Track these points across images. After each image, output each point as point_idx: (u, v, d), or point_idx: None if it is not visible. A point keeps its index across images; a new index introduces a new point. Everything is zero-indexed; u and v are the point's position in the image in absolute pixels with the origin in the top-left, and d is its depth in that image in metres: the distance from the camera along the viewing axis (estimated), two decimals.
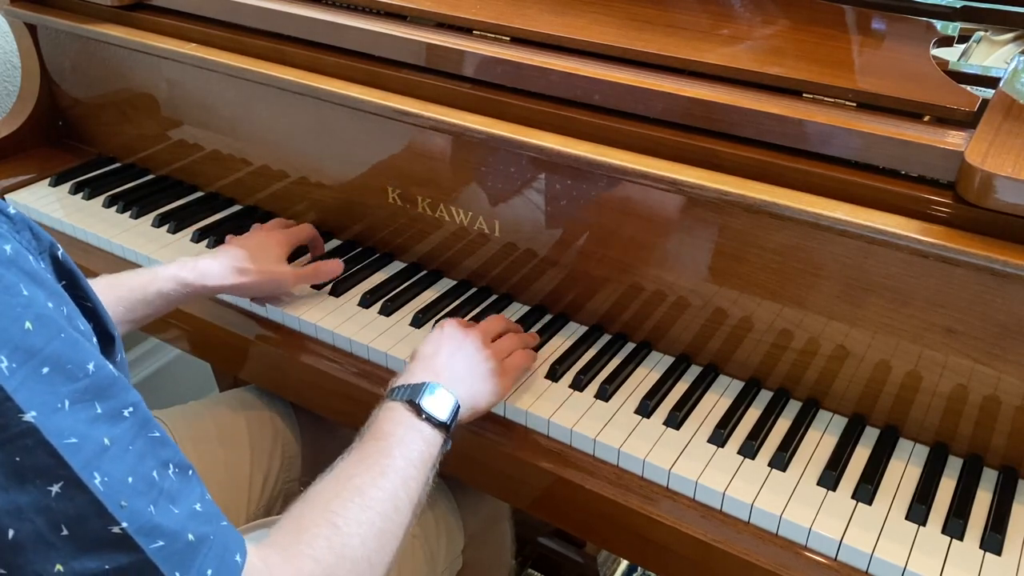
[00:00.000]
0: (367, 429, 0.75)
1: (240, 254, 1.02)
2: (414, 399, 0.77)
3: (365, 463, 0.70)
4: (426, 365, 0.83)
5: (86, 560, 0.49)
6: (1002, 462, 0.84)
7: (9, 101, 1.53)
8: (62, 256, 0.57)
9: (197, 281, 0.97)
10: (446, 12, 1.05)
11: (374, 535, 0.65)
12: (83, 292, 0.59)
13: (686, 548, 0.81)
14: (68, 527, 0.48)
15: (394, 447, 0.72)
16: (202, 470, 1.00)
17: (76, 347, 0.51)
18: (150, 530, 0.50)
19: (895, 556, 0.75)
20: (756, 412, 0.91)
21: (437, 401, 0.78)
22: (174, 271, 0.96)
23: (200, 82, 1.20)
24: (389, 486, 0.69)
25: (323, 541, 0.62)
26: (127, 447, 0.51)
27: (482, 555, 1.14)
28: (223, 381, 1.55)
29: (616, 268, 0.97)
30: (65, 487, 0.48)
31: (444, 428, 0.77)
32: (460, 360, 0.85)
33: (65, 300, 0.53)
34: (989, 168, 0.72)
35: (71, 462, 0.48)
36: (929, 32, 0.90)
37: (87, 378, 0.50)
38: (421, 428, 0.75)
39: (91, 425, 0.50)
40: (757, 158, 0.84)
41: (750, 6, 0.98)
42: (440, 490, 1.04)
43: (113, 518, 0.49)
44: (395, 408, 0.76)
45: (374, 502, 0.67)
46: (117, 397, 0.52)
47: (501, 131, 0.94)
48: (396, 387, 0.80)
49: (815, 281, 0.85)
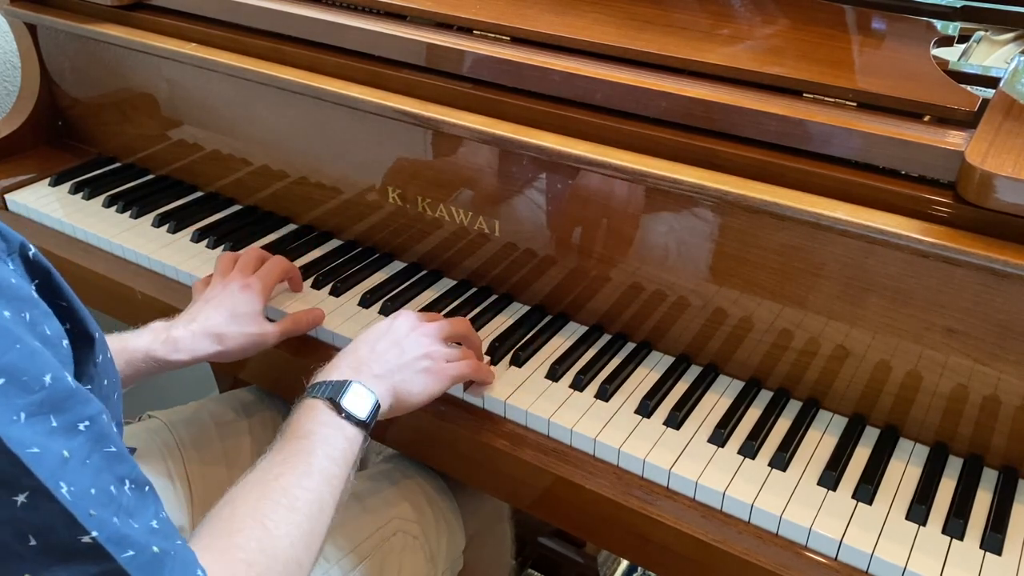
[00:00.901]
0: (288, 426, 0.75)
1: (216, 317, 0.93)
2: (334, 398, 0.76)
3: (290, 462, 0.71)
4: (349, 360, 0.82)
5: (56, 570, 0.48)
6: (1002, 462, 0.84)
7: (9, 101, 1.53)
8: (33, 256, 0.56)
9: (168, 355, 0.89)
10: (446, 12, 1.05)
11: (302, 535, 0.66)
12: (58, 291, 0.58)
13: (686, 548, 0.81)
14: (36, 537, 0.48)
15: (317, 446, 0.72)
16: (203, 470, 1.02)
17: (33, 358, 0.50)
18: (119, 539, 0.50)
19: (895, 556, 0.75)
20: (756, 412, 0.91)
21: (358, 400, 0.77)
22: (146, 344, 0.89)
23: (200, 82, 1.20)
24: (314, 486, 0.69)
25: (255, 543, 0.62)
26: (84, 461, 0.50)
27: (482, 555, 1.14)
28: (223, 381, 1.54)
29: (616, 268, 0.97)
30: (31, 496, 0.47)
31: (364, 426, 0.77)
32: (391, 355, 0.83)
33: (30, 304, 0.52)
34: (989, 168, 0.72)
35: (36, 472, 0.47)
36: (929, 32, 0.90)
37: (43, 390, 0.49)
38: (342, 426, 0.75)
39: (48, 438, 0.49)
40: (757, 158, 0.84)
41: (750, 6, 0.98)
42: (440, 490, 1.04)
43: (83, 527, 0.49)
44: (316, 406, 0.76)
45: (301, 503, 0.67)
46: (73, 410, 0.51)
47: (501, 131, 0.94)
48: (317, 383, 0.79)
49: (815, 281, 0.85)
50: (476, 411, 0.93)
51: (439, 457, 0.99)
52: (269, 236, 1.21)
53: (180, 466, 1.01)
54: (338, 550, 0.92)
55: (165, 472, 1.00)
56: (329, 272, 1.12)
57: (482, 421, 0.92)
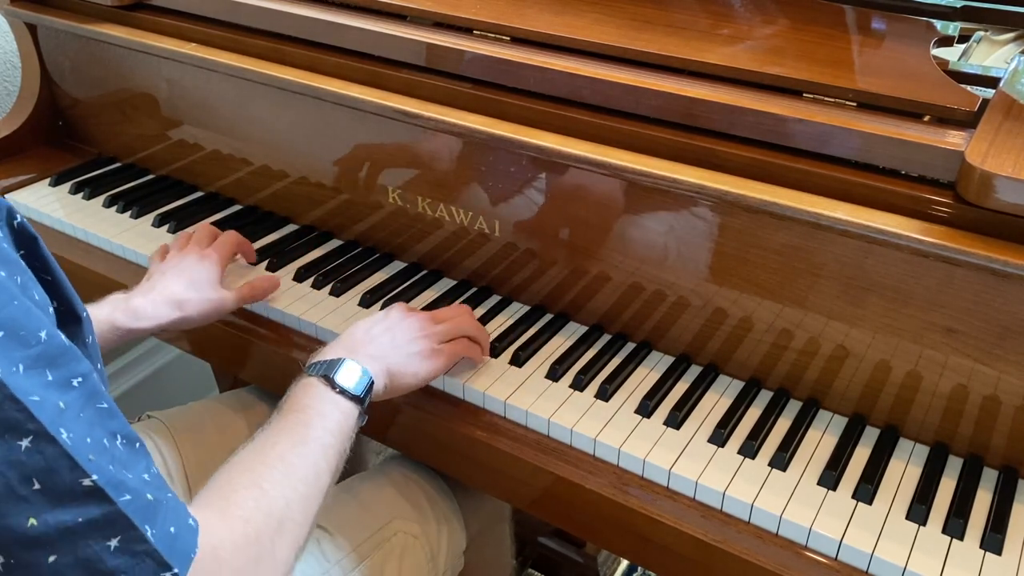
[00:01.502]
0: (284, 402, 0.78)
1: (175, 285, 0.96)
2: (328, 374, 0.79)
3: (285, 432, 0.73)
4: (345, 342, 0.86)
5: (59, 513, 0.49)
6: (1002, 462, 0.84)
7: (9, 101, 1.53)
8: (19, 224, 0.58)
9: (130, 323, 0.92)
10: (446, 12, 1.05)
11: (297, 499, 0.68)
12: (44, 264, 0.59)
13: (686, 548, 0.81)
14: (39, 480, 0.49)
15: (313, 418, 0.75)
16: (202, 470, 1.02)
17: (29, 314, 0.51)
18: (117, 484, 0.51)
19: (895, 556, 0.75)
20: (756, 412, 0.91)
21: (350, 375, 0.80)
22: (107, 313, 0.91)
23: (200, 82, 1.20)
24: (309, 453, 0.72)
25: (251, 503, 0.64)
26: (78, 414, 0.52)
27: (483, 555, 1.14)
28: (223, 381, 1.55)
29: (616, 268, 0.97)
30: (35, 441, 0.48)
31: (358, 400, 0.79)
32: (385, 339, 0.87)
33: (20, 269, 0.54)
34: (989, 168, 0.72)
35: (39, 417, 0.49)
36: (929, 32, 0.90)
37: (39, 345, 0.51)
38: (336, 400, 0.78)
39: (45, 390, 0.50)
40: (757, 158, 0.84)
41: (750, 6, 0.98)
42: (441, 491, 1.04)
43: (83, 471, 0.50)
44: (311, 383, 0.79)
45: (296, 468, 0.70)
46: (67, 366, 0.52)
47: (501, 131, 0.94)
48: (313, 363, 0.82)
49: (815, 281, 0.85)
50: (476, 411, 0.93)
51: (439, 457, 0.99)
52: (269, 236, 1.21)
53: (179, 466, 1.01)
54: (338, 550, 0.92)
55: (164, 472, 1.00)
56: (329, 272, 1.12)
57: (482, 421, 0.92)
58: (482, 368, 0.96)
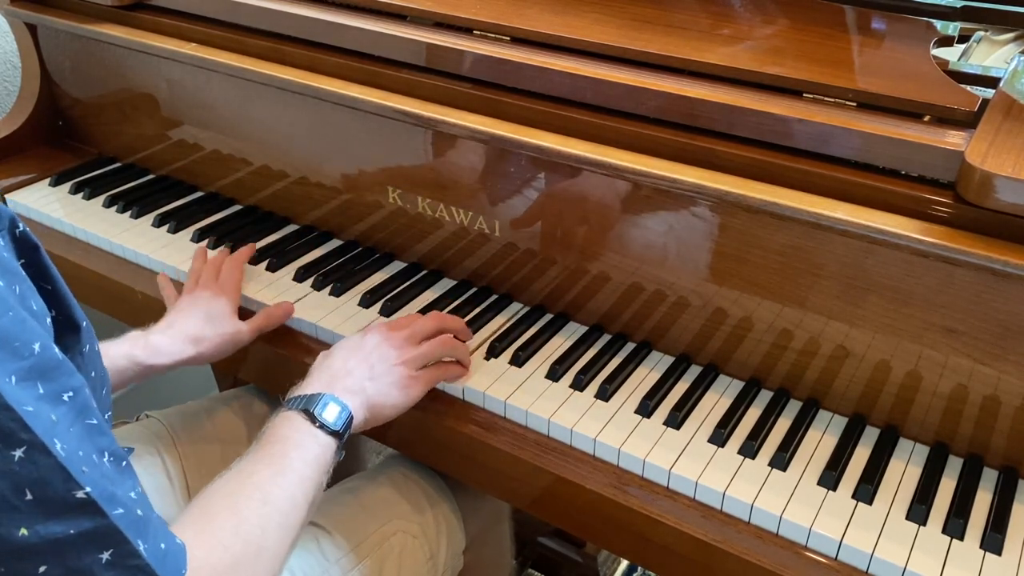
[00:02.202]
0: (263, 434, 0.78)
1: (192, 322, 0.97)
2: (309, 408, 0.80)
3: (264, 462, 0.74)
4: (323, 375, 0.85)
5: (51, 525, 0.49)
6: (1002, 462, 0.84)
7: (9, 101, 1.53)
8: (21, 234, 0.58)
9: (150, 360, 0.93)
10: (446, 12, 1.05)
11: (275, 527, 0.68)
12: (44, 273, 0.59)
13: (686, 548, 0.81)
14: (32, 491, 0.49)
15: (291, 449, 0.76)
16: (202, 470, 1.02)
17: (24, 326, 0.51)
18: (110, 497, 0.52)
19: (895, 556, 0.75)
20: (756, 412, 0.91)
21: (330, 411, 0.80)
22: (126, 349, 0.93)
23: (200, 82, 1.20)
24: (287, 484, 0.72)
25: (230, 529, 0.65)
26: (68, 428, 0.52)
27: (482, 555, 1.14)
28: (223, 381, 1.54)
29: (616, 268, 0.97)
30: (28, 451, 0.49)
31: (337, 435, 0.80)
32: (361, 370, 0.86)
33: (19, 279, 0.54)
34: (989, 168, 0.72)
35: (33, 427, 0.49)
36: (929, 32, 0.90)
37: (32, 357, 0.51)
38: (315, 434, 0.78)
39: (37, 402, 0.50)
40: (757, 158, 0.84)
41: (750, 6, 0.98)
42: (441, 490, 1.04)
43: (77, 483, 0.50)
44: (291, 416, 0.79)
45: (273, 498, 0.70)
46: (58, 380, 0.52)
47: (501, 131, 0.94)
48: (293, 397, 0.82)
49: (815, 281, 0.85)
50: (476, 411, 0.93)
51: (439, 457, 0.99)
52: (269, 236, 1.21)
53: (178, 465, 1.01)
54: (338, 550, 0.92)
55: (163, 471, 1.00)
56: (329, 272, 1.12)
57: (482, 421, 0.92)
58: (482, 368, 0.96)
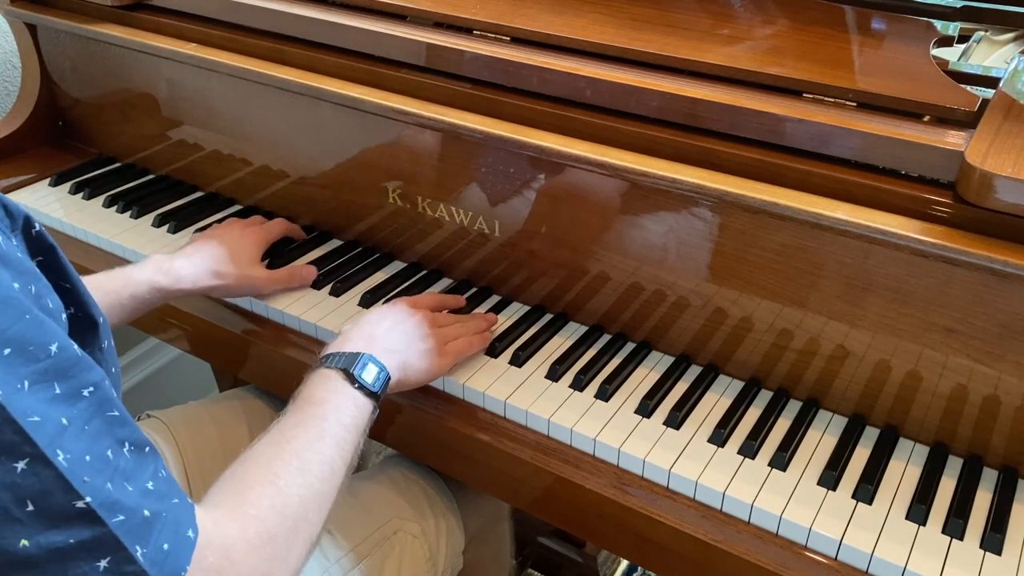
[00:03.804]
0: (300, 393, 0.78)
1: (217, 255, 1.01)
2: (348, 368, 0.79)
3: (302, 426, 0.73)
4: (363, 333, 0.86)
5: (52, 535, 0.50)
6: (1002, 462, 0.84)
7: (9, 101, 1.53)
8: (37, 233, 0.58)
9: (172, 285, 0.97)
10: (446, 12, 1.05)
11: (312, 496, 0.68)
12: (62, 272, 0.59)
13: (686, 548, 0.81)
14: (34, 503, 0.49)
15: (329, 412, 0.75)
16: (202, 469, 1.02)
17: (40, 328, 0.51)
18: (111, 505, 0.51)
19: (895, 556, 0.75)
20: (756, 412, 0.91)
21: (369, 371, 0.81)
22: (149, 275, 0.96)
23: (200, 82, 1.20)
24: (326, 449, 0.72)
25: (266, 500, 0.64)
26: (83, 427, 0.52)
27: (482, 555, 1.14)
28: (223, 381, 1.55)
29: (616, 268, 0.97)
30: (31, 463, 0.49)
31: (375, 397, 0.80)
32: (398, 334, 0.88)
33: (35, 278, 0.54)
34: (989, 168, 0.72)
35: (36, 439, 0.49)
36: (929, 32, 0.90)
37: (48, 359, 0.51)
38: (354, 395, 0.78)
39: (49, 405, 0.50)
40: (757, 158, 0.84)
41: (750, 6, 0.98)
42: (441, 490, 1.04)
43: (77, 493, 0.50)
44: (329, 376, 0.79)
45: (312, 464, 0.69)
46: (77, 377, 0.52)
47: (501, 131, 0.94)
48: (331, 354, 0.82)
49: (815, 281, 0.85)
50: (476, 411, 0.94)
51: (439, 457, 0.99)
52: None
53: (179, 466, 1.01)
54: (338, 549, 0.92)
55: None
56: (329, 272, 1.12)
57: (482, 421, 0.92)
58: (482, 368, 0.96)
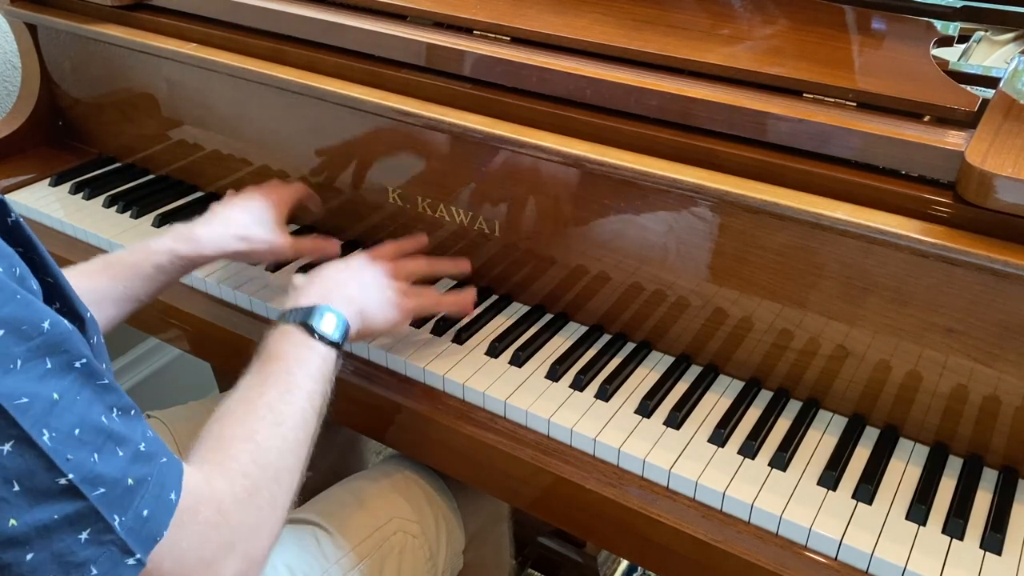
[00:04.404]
0: (263, 350, 0.79)
1: (240, 219, 1.01)
2: (307, 320, 0.81)
3: (270, 381, 0.75)
4: (316, 287, 0.87)
5: (37, 512, 0.51)
6: (1002, 462, 0.84)
7: (9, 101, 1.53)
8: (13, 222, 0.58)
9: (193, 252, 0.96)
10: (446, 12, 1.05)
11: (288, 447, 0.70)
12: (44, 267, 0.59)
13: (686, 548, 0.81)
14: (19, 482, 0.50)
15: (294, 365, 0.76)
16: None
17: (31, 307, 0.52)
18: (92, 479, 0.53)
19: (895, 556, 0.75)
20: (756, 412, 0.91)
21: (327, 322, 0.81)
22: (169, 245, 0.95)
23: (200, 82, 1.20)
24: (296, 401, 0.74)
25: (247, 456, 0.67)
26: (75, 397, 0.53)
27: (482, 555, 1.14)
28: (223, 381, 1.55)
29: (616, 268, 0.97)
30: (16, 445, 0.50)
31: (336, 345, 0.81)
32: (355, 284, 0.89)
33: (16, 261, 0.54)
34: (989, 168, 0.72)
35: (21, 422, 0.50)
36: (929, 32, 0.90)
37: (41, 336, 0.52)
38: (315, 347, 0.79)
39: (40, 382, 0.52)
40: (757, 158, 0.84)
41: (750, 6, 0.98)
42: (441, 490, 1.04)
43: (60, 471, 0.52)
44: (289, 331, 0.80)
45: (285, 417, 0.72)
46: (69, 352, 0.54)
47: (501, 131, 0.94)
48: (288, 310, 0.83)
49: (815, 281, 0.85)
50: (476, 411, 0.94)
51: (439, 457, 0.99)
52: None
53: None
54: (338, 549, 0.92)
55: None
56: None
57: (482, 421, 0.92)
58: (482, 368, 0.96)
